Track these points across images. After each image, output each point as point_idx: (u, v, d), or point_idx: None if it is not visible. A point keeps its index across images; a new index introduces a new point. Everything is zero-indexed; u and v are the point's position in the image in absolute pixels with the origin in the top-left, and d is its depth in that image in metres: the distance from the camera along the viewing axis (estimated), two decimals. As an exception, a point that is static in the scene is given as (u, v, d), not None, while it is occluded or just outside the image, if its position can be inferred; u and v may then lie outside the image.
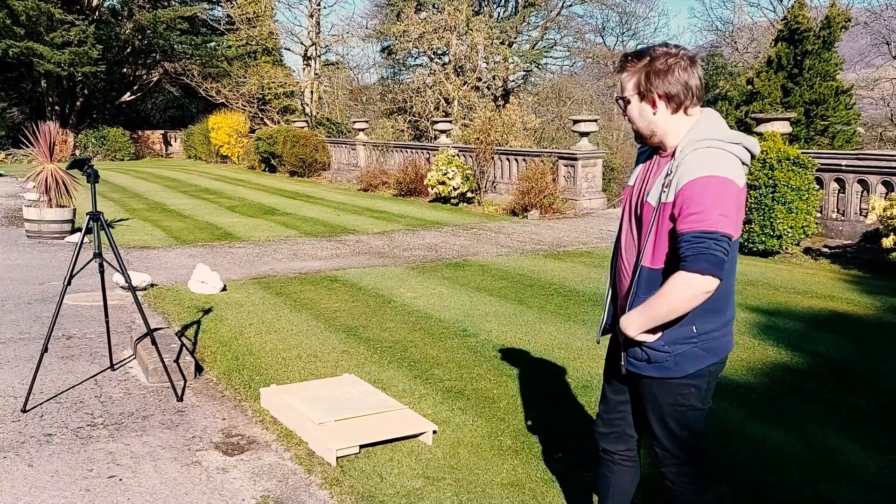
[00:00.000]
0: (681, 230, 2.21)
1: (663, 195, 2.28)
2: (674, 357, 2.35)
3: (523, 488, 3.48)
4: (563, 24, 35.13)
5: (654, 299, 2.29)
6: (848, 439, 4.06)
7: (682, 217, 2.21)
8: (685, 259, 2.18)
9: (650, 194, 2.34)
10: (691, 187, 2.20)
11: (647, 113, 2.37)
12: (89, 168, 4.53)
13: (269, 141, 24.22)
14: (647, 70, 2.31)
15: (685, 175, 2.22)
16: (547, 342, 5.74)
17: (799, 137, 16.69)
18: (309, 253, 9.88)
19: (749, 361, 5.32)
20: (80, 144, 30.80)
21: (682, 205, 2.21)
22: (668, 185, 2.27)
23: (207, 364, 5.29)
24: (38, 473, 3.64)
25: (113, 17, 31.05)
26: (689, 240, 2.18)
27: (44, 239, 10.68)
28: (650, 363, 2.39)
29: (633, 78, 2.36)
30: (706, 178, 2.19)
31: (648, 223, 2.32)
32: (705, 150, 2.26)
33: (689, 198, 2.20)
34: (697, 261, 2.16)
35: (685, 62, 2.30)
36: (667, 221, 2.27)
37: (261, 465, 3.75)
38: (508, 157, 16.32)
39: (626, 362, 2.45)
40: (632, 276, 2.40)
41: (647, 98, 2.34)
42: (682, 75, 2.30)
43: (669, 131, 2.36)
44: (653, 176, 2.39)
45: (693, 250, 2.17)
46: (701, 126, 2.34)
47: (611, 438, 2.70)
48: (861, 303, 7.17)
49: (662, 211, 2.28)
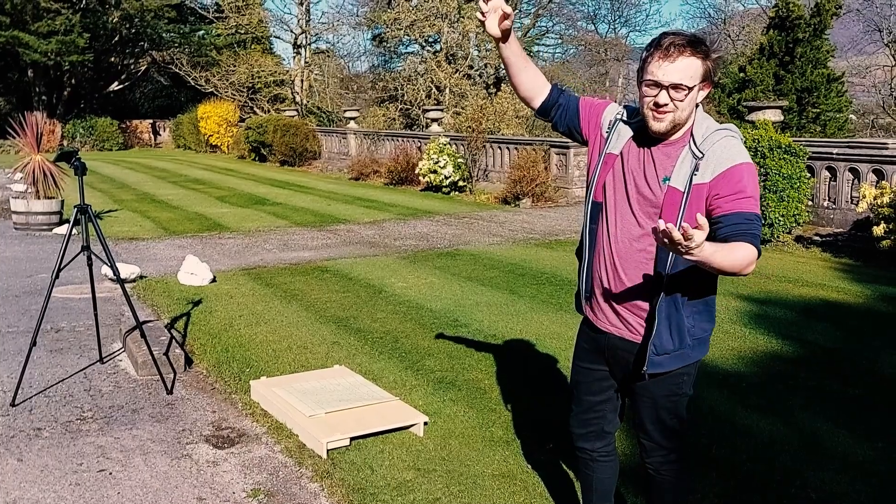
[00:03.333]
0: (733, 209, 2.21)
1: (695, 177, 2.26)
2: (690, 343, 2.38)
3: (514, 479, 3.48)
4: (554, 11, 35.00)
5: (729, 248, 2.17)
6: (837, 427, 4.07)
7: (732, 198, 2.22)
8: (745, 234, 2.19)
9: (671, 180, 2.29)
10: (739, 171, 2.24)
11: (694, 102, 2.30)
12: (76, 161, 4.47)
13: (259, 130, 24.08)
14: (715, 58, 2.27)
15: (727, 158, 2.25)
16: (538, 331, 5.74)
17: (791, 125, 16.72)
18: (299, 243, 9.84)
19: (740, 350, 5.34)
20: (68, 135, 30.53)
21: (729, 185, 2.23)
22: (698, 167, 2.26)
23: (197, 356, 5.26)
24: (27, 468, 3.62)
25: (100, 6, 30.70)
26: (749, 218, 2.20)
27: (31, 231, 10.60)
28: (673, 354, 2.36)
29: (704, 65, 2.25)
30: (749, 164, 2.26)
31: (677, 207, 2.28)
32: (731, 139, 2.30)
33: (740, 181, 2.23)
34: (757, 238, 2.20)
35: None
36: (699, 200, 2.27)
37: (251, 458, 3.74)
38: (500, 145, 16.28)
39: (650, 364, 2.37)
40: (665, 256, 2.30)
41: (705, 86, 2.30)
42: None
43: (691, 119, 2.33)
44: (660, 165, 2.33)
45: (753, 228, 2.20)
46: (706, 117, 2.36)
47: (588, 437, 2.69)
48: (852, 291, 7.20)
49: (695, 192, 2.26)
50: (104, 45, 32.12)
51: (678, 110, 2.25)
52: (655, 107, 2.25)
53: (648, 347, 2.36)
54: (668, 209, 2.29)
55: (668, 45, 2.21)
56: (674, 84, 2.21)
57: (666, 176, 2.31)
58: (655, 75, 2.22)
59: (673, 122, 2.27)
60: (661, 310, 2.33)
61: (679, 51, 2.20)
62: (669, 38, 2.22)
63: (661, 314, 2.33)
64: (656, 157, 2.35)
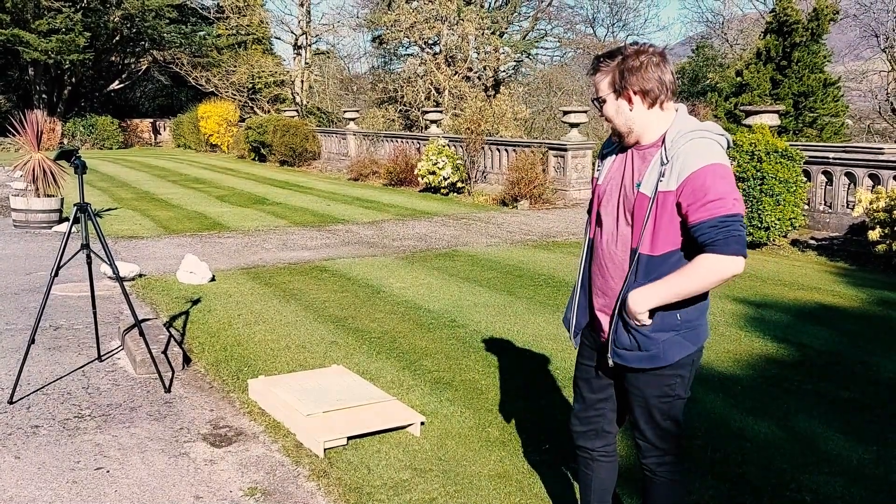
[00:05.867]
0: (701, 218, 2.27)
1: (661, 184, 2.32)
2: (661, 345, 2.39)
3: (510, 479, 3.50)
4: (553, 14, 35.04)
5: (677, 278, 2.32)
6: (832, 430, 4.10)
7: (698, 205, 2.27)
8: (714, 243, 2.26)
9: (642, 185, 2.37)
10: (701, 175, 2.27)
11: (623, 110, 2.41)
12: (76, 159, 4.49)
13: (259, 130, 24.09)
14: (621, 68, 2.37)
15: (689, 164, 2.28)
16: (535, 333, 5.76)
17: (788, 129, 16.77)
18: (298, 243, 9.86)
19: (735, 353, 5.36)
20: (68, 133, 30.54)
21: (693, 193, 2.27)
22: (665, 174, 2.32)
23: (195, 355, 5.28)
24: (24, 465, 3.63)
25: (101, 5, 30.70)
26: (715, 225, 2.25)
27: (31, 229, 10.61)
28: (640, 351, 2.41)
29: (606, 77, 2.41)
30: (713, 165, 2.28)
31: (644, 212, 2.35)
32: (700, 140, 2.33)
33: (702, 186, 2.26)
34: (728, 244, 2.25)
35: (657, 58, 2.37)
36: (668, 208, 2.32)
37: (248, 457, 3.76)
38: (499, 147, 16.31)
39: (613, 354, 2.46)
40: (630, 264, 2.41)
41: (623, 95, 2.39)
42: (655, 71, 2.36)
43: (648, 125, 2.41)
44: (637, 168, 2.42)
45: (722, 234, 2.25)
46: (684, 118, 2.40)
47: (588, 436, 2.72)
48: (847, 295, 7.23)
49: (661, 200, 2.32)
50: (105, 44, 32.13)
51: (612, 120, 2.45)
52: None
53: (609, 338, 2.48)
54: (638, 213, 2.38)
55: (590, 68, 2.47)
56: (593, 99, 2.49)
57: (638, 181, 2.40)
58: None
59: (618, 129, 2.45)
60: (617, 310, 2.45)
61: (591, 69, 2.46)
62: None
63: (619, 315, 2.45)
64: (634, 162, 2.45)
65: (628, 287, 2.40)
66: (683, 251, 2.37)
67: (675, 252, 2.36)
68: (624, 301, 2.40)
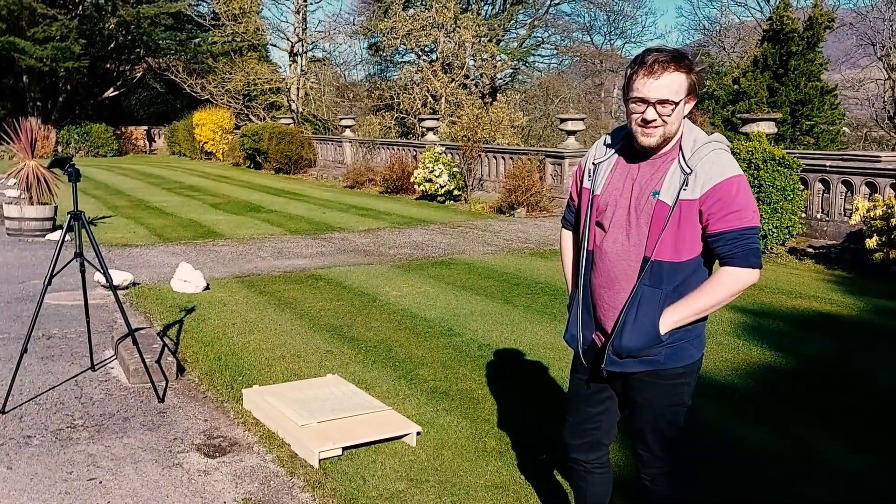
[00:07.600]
0: (722, 228, 2.27)
1: (683, 192, 2.28)
2: (664, 349, 2.36)
3: (507, 490, 3.47)
4: (550, 22, 35.20)
5: (699, 296, 2.33)
6: (829, 439, 4.08)
7: (720, 215, 2.27)
8: (733, 256, 2.28)
9: (660, 194, 2.31)
10: (726, 186, 2.26)
11: (681, 115, 2.32)
12: (70, 167, 4.46)
13: (254, 137, 24.07)
14: (700, 70, 2.32)
15: (713, 174, 2.27)
16: (532, 341, 5.73)
17: (785, 137, 16.82)
18: (294, 251, 9.82)
19: (733, 362, 5.34)
20: (63, 140, 30.48)
21: (717, 203, 2.26)
22: (688, 182, 2.28)
23: (189, 364, 5.23)
24: (16, 476, 3.59)
25: (96, 12, 30.71)
26: (735, 237, 2.27)
27: (24, 237, 10.55)
28: (637, 358, 2.36)
29: (689, 79, 2.28)
30: (736, 177, 2.28)
31: (663, 221, 2.30)
32: (719, 151, 2.32)
33: (726, 196, 2.26)
34: (747, 256, 2.27)
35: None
36: (688, 216, 2.30)
37: (243, 468, 3.71)
38: (496, 154, 16.31)
39: (608, 362, 2.40)
40: (641, 272, 2.34)
41: (690, 99, 2.32)
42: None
43: (679, 132, 2.36)
44: (650, 177, 2.35)
45: (740, 247, 2.27)
46: (693, 128, 2.38)
47: (583, 448, 2.68)
48: (845, 303, 7.22)
49: (683, 208, 2.29)
50: (100, 52, 32.09)
51: (667, 125, 2.29)
52: (644, 123, 2.29)
53: (607, 346, 2.42)
54: (656, 223, 2.32)
55: (651, 62, 2.25)
56: (660, 100, 2.25)
57: (655, 190, 2.34)
58: (641, 92, 2.26)
59: (663, 136, 2.31)
60: (628, 310, 2.37)
61: (663, 67, 2.24)
62: (653, 55, 2.26)
63: (630, 314, 2.37)
64: (643, 170, 2.38)
65: (636, 293, 2.35)
66: (703, 258, 2.38)
67: (697, 258, 2.37)
68: (630, 309, 2.36)
